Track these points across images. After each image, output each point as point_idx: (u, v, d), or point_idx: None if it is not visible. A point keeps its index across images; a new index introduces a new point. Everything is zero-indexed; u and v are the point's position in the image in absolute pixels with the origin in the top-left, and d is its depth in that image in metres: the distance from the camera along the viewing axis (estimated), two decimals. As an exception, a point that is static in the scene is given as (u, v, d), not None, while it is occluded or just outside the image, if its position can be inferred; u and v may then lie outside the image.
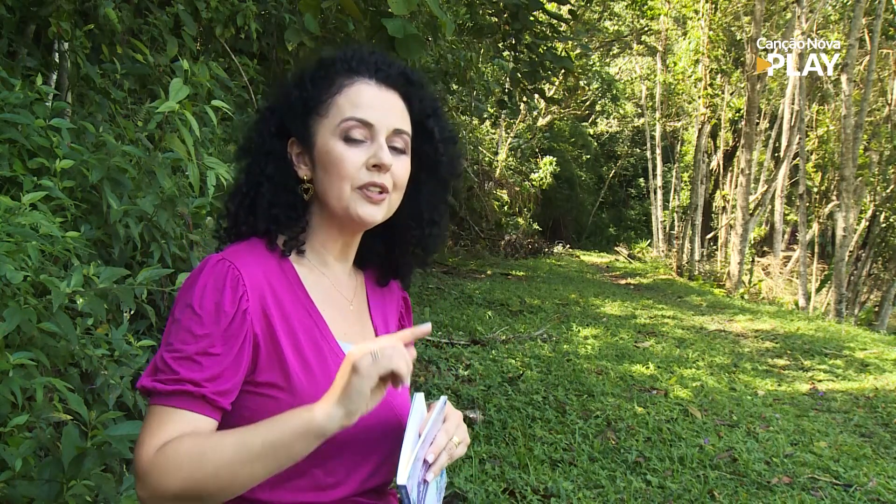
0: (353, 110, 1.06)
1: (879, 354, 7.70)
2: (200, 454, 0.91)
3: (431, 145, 1.15)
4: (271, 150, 1.10)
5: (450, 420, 1.05)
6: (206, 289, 0.99)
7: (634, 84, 23.45)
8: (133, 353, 1.90)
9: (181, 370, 0.95)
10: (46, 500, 1.49)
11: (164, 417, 0.95)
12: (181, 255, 2.38)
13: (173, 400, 0.95)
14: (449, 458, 1.02)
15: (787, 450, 4.26)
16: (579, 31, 13.03)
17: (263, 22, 4.11)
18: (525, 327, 7.28)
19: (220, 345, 0.97)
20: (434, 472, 1.00)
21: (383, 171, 1.05)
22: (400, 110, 1.10)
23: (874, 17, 12.92)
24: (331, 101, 1.07)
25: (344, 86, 1.08)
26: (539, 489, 3.37)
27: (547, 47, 5.85)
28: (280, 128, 1.11)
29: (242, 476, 0.91)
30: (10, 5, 2.64)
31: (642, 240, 23.17)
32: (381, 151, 1.05)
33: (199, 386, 0.95)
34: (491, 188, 16.06)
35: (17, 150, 2.13)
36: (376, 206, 1.07)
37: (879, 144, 15.09)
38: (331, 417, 0.88)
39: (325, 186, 1.07)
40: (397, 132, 1.08)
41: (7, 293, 1.58)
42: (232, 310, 0.98)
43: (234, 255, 1.04)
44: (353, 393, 0.87)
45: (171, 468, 0.91)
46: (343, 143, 1.05)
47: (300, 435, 0.89)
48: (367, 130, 1.06)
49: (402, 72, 1.12)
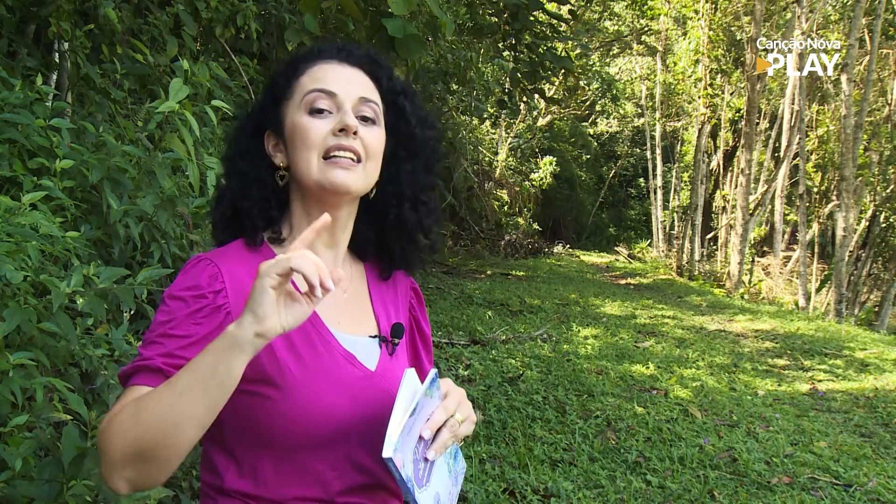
0: (315, 83, 1.07)
1: (879, 354, 7.70)
2: (137, 408, 0.89)
3: (405, 121, 1.14)
4: (247, 149, 1.11)
5: (450, 397, 1.02)
6: (181, 282, 1.01)
7: (634, 84, 23.45)
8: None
9: (143, 351, 0.97)
10: (46, 500, 1.49)
11: (123, 396, 0.96)
12: (181, 255, 2.38)
13: (132, 378, 0.96)
14: (452, 435, 0.99)
15: (787, 450, 4.26)
16: (579, 31, 13.03)
17: (263, 22, 4.11)
18: (525, 327, 7.28)
19: (183, 327, 0.97)
20: (435, 449, 0.97)
21: (349, 133, 1.04)
22: (366, 83, 1.10)
23: (874, 17, 12.92)
24: (295, 84, 1.09)
25: (307, 68, 1.09)
26: (539, 489, 3.37)
27: (547, 47, 5.85)
28: (256, 128, 1.12)
29: (178, 413, 0.86)
30: (10, 5, 2.64)
31: (642, 240, 23.16)
32: (346, 115, 1.04)
33: (153, 359, 0.95)
34: (491, 188, 16.06)
35: (17, 150, 2.13)
36: (347, 171, 1.05)
37: (879, 144, 15.09)
38: (241, 324, 0.84)
39: (296, 162, 1.07)
40: (363, 100, 1.08)
41: (7, 293, 1.58)
42: (203, 302, 0.99)
43: (215, 254, 1.05)
44: (256, 293, 0.83)
45: (114, 431, 0.89)
46: (308, 116, 1.05)
47: (217, 351, 0.85)
48: (331, 100, 1.06)
49: (367, 53, 1.13)
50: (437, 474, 1.02)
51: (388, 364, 1.13)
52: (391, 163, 1.13)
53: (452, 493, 1.07)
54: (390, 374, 1.11)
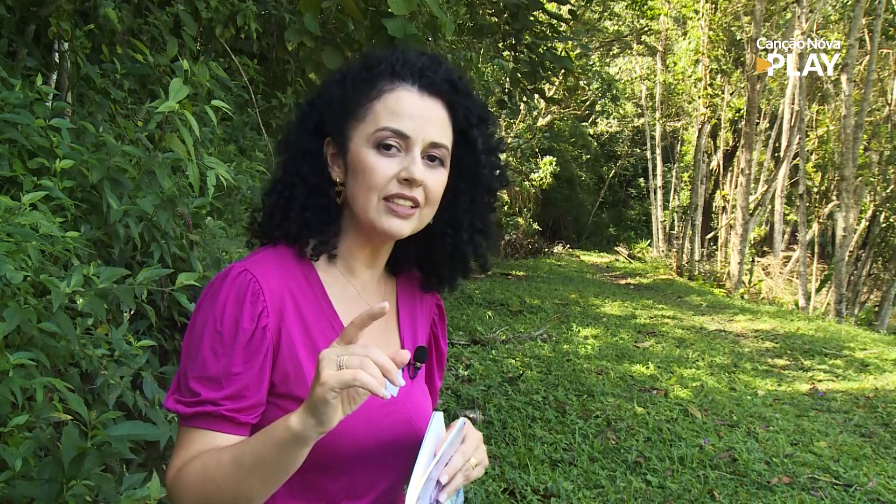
0: (390, 119, 1.01)
1: (879, 354, 7.70)
2: (205, 473, 0.93)
3: (473, 156, 1.09)
4: (308, 148, 1.07)
5: (468, 441, 1.01)
6: (226, 304, 0.98)
7: (634, 84, 23.44)
8: (133, 353, 1.90)
9: (202, 391, 0.96)
10: (46, 500, 1.49)
11: (187, 438, 0.97)
12: (181, 255, 2.38)
13: (195, 421, 0.97)
14: (465, 479, 0.99)
15: (787, 450, 4.26)
16: (579, 31, 13.04)
17: (263, 22, 4.10)
18: (525, 327, 7.28)
19: (239, 363, 0.97)
20: (448, 492, 0.97)
21: (414, 186, 1.01)
22: (440, 121, 1.05)
23: (874, 17, 12.92)
24: (369, 106, 1.03)
25: (384, 91, 1.03)
26: (539, 489, 3.37)
27: (547, 47, 5.85)
28: (318, 126, 1.08)
29: (245, 491, 0.91)
30: (10, 5, 2.64)
31: (642, 240, 23.16)
32: (414, 165, 1.00)
33: (218, 405, 0.96)
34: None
35: (17, 150, 2.13)
36: (404, 221, 1.02)
37: (879, 144, 15.08)
38: (305, 425, 0.84)
39: (353, 193, 1.03)
40: (434, 145, 1.03)
41: (7, 293, 1.58)
42: (251, 326, 0.98)
43: (256, 264, 1.02)
44: (319, 403, 0.82)
45: (185, 489, 0.94)
46: (375, 152, 1.01)
47: (282, 445, 0.87)
48: (403, 141, 1.01)
49: (447, 78, 1.06)
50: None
51: (409, 388, 1.12)
52: (450, 192, 1.09)
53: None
54: (410, 399, 1.11)
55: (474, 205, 1.12)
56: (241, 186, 2.98)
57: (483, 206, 1.14)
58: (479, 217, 1.13)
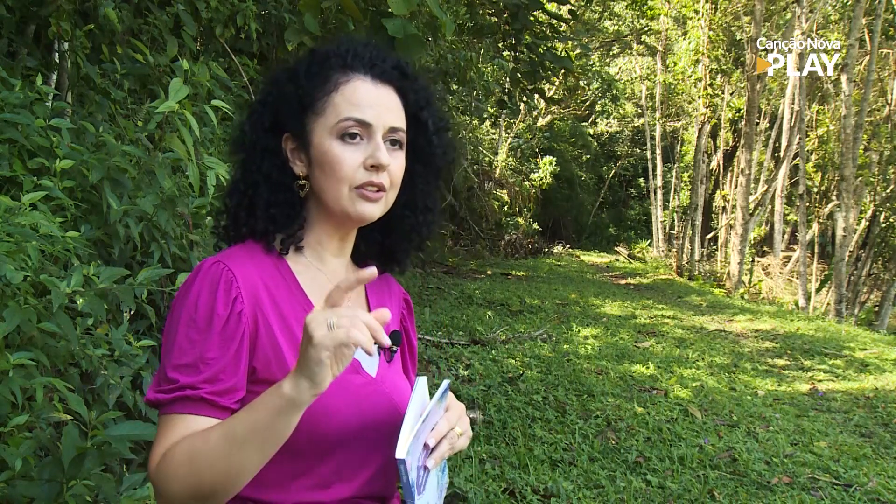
0: (350, 109, 1.05)
1: (879, 354, 7.70)
2: (192, 454, 0.92)
3: (425, 137, 1.15)
4: (266, 146, 1.09)
5: (452, 410, 1.05)
6: (200, 293, 1.00)
7: (634, 84, 23.43)
8: (133, 353, 1.90)
9: (180, 377, 0.97)
10: (46, 500, 1.49)
11: (167, 425, 0.97)
12: (181, 255, 2.38)
13: (174, 406, 0.97)
14: (450, 447, 1.01)
15: (787, 450, 4.26)
16: (579, 31, 13.03)
17: (263, 22, 4.11)
18: (525, 327, 7.28)
19: (215, 348, 0.98)
20: (435, 459, 0.99)
21: (381, 171, 1.05)
22: (395, 106, 1.09)
23: (874, 17, 12.91)
24: (327, 100, 1.06)
25: (340, 83, 1.07)
26: (539, 489, 3.37)
27: (547, 47, 5.85)
28: (273, 123, 1.10)
29: (237, 465, 0.90)
30: (10, 5, 2.64)
31: (642, 240, 23.15)
32: (379, 152, 1.04)
33: (196, 388, 0.96)
34: (491, 188, 16.05)
35: (17, 150, 2.13)
36: (374, 204, 1.06)
37: (879, 144, 15.08)
38: (299, 388, 0.86)
39: (322, 185, 1.07)
40: (393, 130, 1.08)
41: (7, 293, 1.58)
42: (225, 312, 0.99)
43: (228, 257, 1.05)
44: (312, 364, 0.84)
45: (171, 473, 0.93)
46: (340, 143, 1.04)
47: (276, 411, 0.88)
48: (365, 129, 1.05)
49: (396, 65, 1.12)
50: (430, 484, 1.03)
51: (388, 371, 1.14)
52: (406, 174, 1.13)
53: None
54: (390, 381, 1.13)
55: (427, 185, 1.18)
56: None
57: (432, 185, 1.19)
58: (429, 196, 1.19)
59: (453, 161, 1.24)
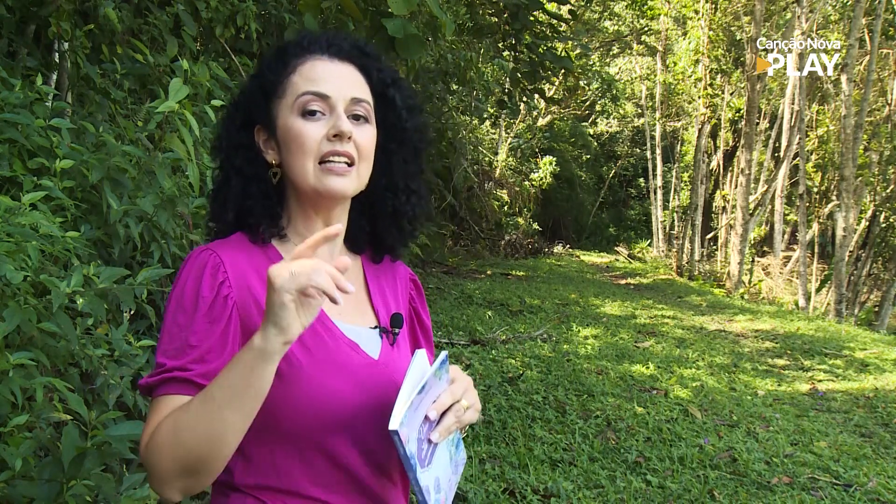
0: (308, 84, 1.06)
1: (879, 354, 7.70)
2: (174, 425, 0.93)
3: (395, 113, 1.15)
4: (239, 142, 1.11)
5: (458, 383, 1.04)
6: (188, 279, 1.02)
7: (634, 84, 23.43)
8: (133, 353, 1.90)
9: (167, 361, 0.98)
10: (46, 500, 1.49)
11: (156, 408, 0.98)
12: (181, 255, 2.38)
13: (162, 388, 0.98)
14: (456, 420, 1.01)
15: (787, 450, 4.26)
16: (579, 31, 13.04)
17: (263, 22, 4.11)
18: (525, 327, 7.28)
19: (200, 330, 0.99)
20: (440, 432, 0.98)
21: (344, 139, 1.05)
22: (357, 80, 1.10)
23: (874, 17, 12.91)
24: (286, 82, 1.07)
25: (297, 65, 1.08)
26: (539, 489, 3.37)
27: (547, 47, 5.85)
28: (245, 120, 1.12)
29: (219, 428, 0.90)
30: (10, 5, 2.64)
31: (642, 240, 23.15)
32: (340, 120, 1.04)
33: (185, 370, 0.97)
34: (491, 188, 16.05)
35: (17, 150, 2.13)
36: (342, 178, 1.06)
37: (879, 144, 15.08)
38: (266, 337, 0.87)
39: (290, 165, 1.07)
40: (355, 101, 1.08)
41: (7, 293, 1.58)
42: (211, 294, 1.00)
43: (217, 245, 1.06)
44: (276, 308, 0.85)
45: (157, 449, 0.94)
46: (301, 119, 1.05)
47: (249, 365, 0.88)
48: (324, 102, 1.06)
49: (355, 45, 1.12)
50: (439, 458, 1.02)
51: (391, 354, 1.14)
52: (382, 154, 1.14)
53: (452, 480, 1.08)
54: (393, 364, 1.12)
55: (406, 165, 1.17)
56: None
57: (412, 166, 1.19)
58: (410, 177, 1.18)
59: (430, 142, 1.24)
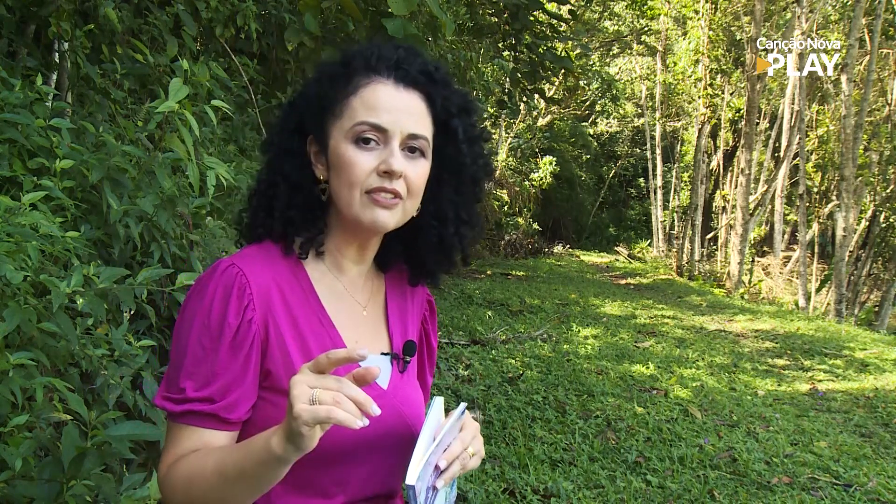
0: (367, 114, 1.02)
1: (879, 354, 7.70)
2: (190, 478, 0.95)
3: (455, 146, 1.10)
4: (290, 147, 1.08)
5: (467, 430, 1.02)
6: (214, 299, 0.99)
7: (634, 84, 23.43)
8: (133, 353, 1.90)
9: (189, 389, 0.98)
10: (46, 500, 1.49)
11: (176, 435, 0.99)
12: (181, 255, 2.38)
13: (186, 419, 0.98)
14: (461, 467, 0.99)
15: (787, 450, 4.26)
16: (579, 31, 13.02)
17: (263, 22, 4.10)
18: (525, 327, 7.28)
19: (225, 359, 0.98)
20: (445, 479, 0.98)
21: (394, 177, 1.01)
22: (418, 112, 1.05)
23: (874, 17, 12.91)
24: (345, 102, 1.03)
25: (360, 86, 1.03)
26: (539, 489, 3.37)
27: (547, 47, 5.85)
28: (299, 125, 1.08)
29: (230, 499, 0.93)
30: (10, 5, 2.64)
31: (642, 240, 23.15)
32: (392, 158, 1.01)
33: (205, 403, 0.97)
34: (491, 188, 16.04)
35: (17, 150, 2.13)
36: (388, 211, 1.03)
37: (879, 144, 15.08)
38: (285, 450, 0.85)
39: (336, 189, 1.04)
40: (413, 136, 1.03)
41: (7, 293, 1.58)
42: (236, 321, 0.99)
43: (244, 259, 1.03)
44: (295, 435, 0.83)
45: (172, 489, 0.97)
46: (354, 147, 1.01)
47: (264, 464, 0.88)
48: (381, 135, 1.02)
49: (423, 69, 1.06)
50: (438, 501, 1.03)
51: (399, 382, 1.13)
52: (435, 183, 1.09)
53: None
54: (401, 393, 1.11)
55: (459, 196, 1.13)
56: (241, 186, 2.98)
57: (468, 196, 1.14)
58: (464, 208, 1.14)
59: (491, 173, 1.18)
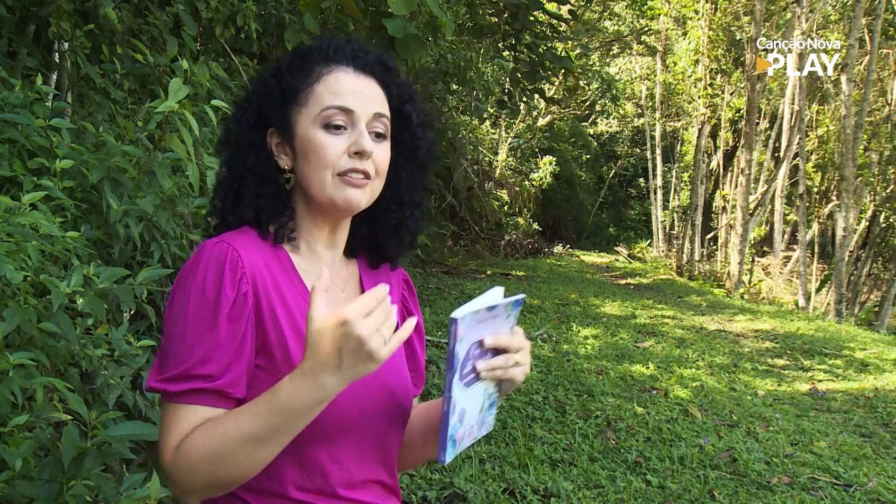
0: (333, 98, 1.06)
1: (879, 354, 7.70)
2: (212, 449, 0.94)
3: (409, 131, 1.16)
4: (251, 141, 1.11)
5: (519, 335, 1.06)
6: (207, 275, 1.00)
7: (634, 84, 23.44)
8: (133, 353, 1.90)
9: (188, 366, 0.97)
10: (46, 500, 1.49)
11: (175, 415, 0.98)
12: (181, 255, 2.38)
13: (188, 397, 0.97)
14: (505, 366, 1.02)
15: (787, 450, 4.26)
16: (579, 31, 13.04)
17: (263, 22, 4.10)
18: (525, 327, 7.27)
19: (224, 330, 0.98)
20: (486, 369, 1.00)
21: (365, 157, 1.06)
22: (379, 95, 1.11)
23: (874, 17, 12.91)
24: (309, 91, 1.07)
25: (322, 74, 1.08)
26: (539, 489, 3.37)
27: (547, 47, 5.85)
28: (258, 119, 1.12)
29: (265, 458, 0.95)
30: (10, 5, 2.64)
31: (642, 240, 23.15)
32: (362, 138, 1.05)
33: (208, 380, 0.97)
34: (491, 188, 16.04)
35: (17, 150, 2.13)
36: (359, 190, 1.07)
37: (879, 144, 15.08)
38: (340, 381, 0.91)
39: (306, 175, 1.07)
40: (377, 116, 1.09)
41: (7, 293, 1.58)
42: (232, 294, 1.00)
43: (231, 238, 1.05)
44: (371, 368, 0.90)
45: (190, 468, 0.95)
46: (324, 131, 1.06)
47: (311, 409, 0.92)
48: (348, 117, 1.06)
49: (378, 59, 1.13)
50: (473, 395, 1.03)
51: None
52: (391, 168, 1.14)
53: (473, 430, 1.08)
54: (388, 368, 1.13)
55: (413, 179, 1.19)
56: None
57: (418, 180, 1.20)
58: (416, 192, 1.20)
59: (439, 158, 1.25)
